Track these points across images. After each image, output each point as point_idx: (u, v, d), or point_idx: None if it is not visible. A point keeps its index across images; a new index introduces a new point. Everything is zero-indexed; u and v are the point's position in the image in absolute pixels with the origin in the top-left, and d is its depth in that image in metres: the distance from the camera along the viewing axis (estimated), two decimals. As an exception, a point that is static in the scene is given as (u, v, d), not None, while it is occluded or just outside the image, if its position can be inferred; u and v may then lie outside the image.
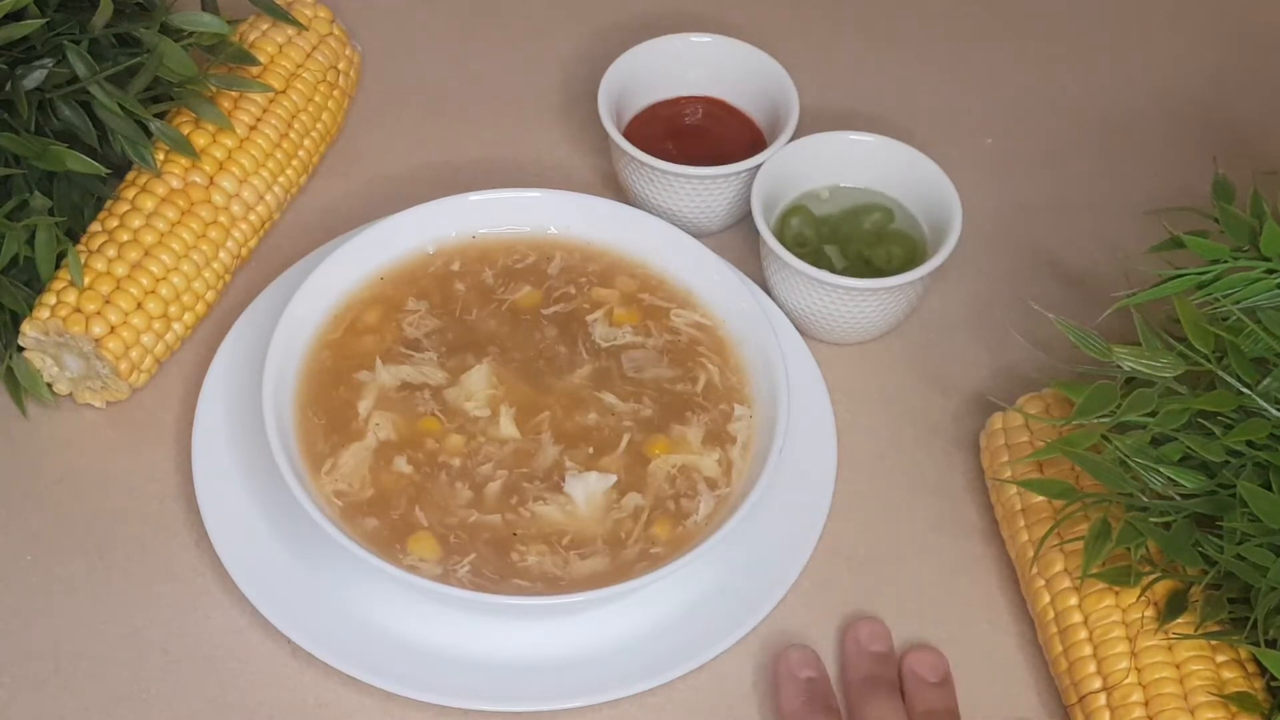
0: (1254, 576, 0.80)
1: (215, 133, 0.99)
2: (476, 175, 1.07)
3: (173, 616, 0.89)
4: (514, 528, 0.87)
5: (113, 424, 0.96)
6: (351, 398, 0.91)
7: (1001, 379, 0.99)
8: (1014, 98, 1.14)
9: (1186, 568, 0.83)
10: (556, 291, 0.96)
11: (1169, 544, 0.82)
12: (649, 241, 0.97)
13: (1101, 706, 0.83)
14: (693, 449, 0.90)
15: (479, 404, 0.91)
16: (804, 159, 1.01)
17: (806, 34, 1.16)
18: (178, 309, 0.95)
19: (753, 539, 0.90)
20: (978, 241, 1.03)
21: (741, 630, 0.88)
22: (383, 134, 1.09)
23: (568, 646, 0.88)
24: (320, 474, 0.88)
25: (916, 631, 0.90)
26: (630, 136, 1.03)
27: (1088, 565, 0.83)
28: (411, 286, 0.96)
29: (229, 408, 0.94)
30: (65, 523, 0.92)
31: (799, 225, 1.00)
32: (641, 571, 0.85)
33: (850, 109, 1.11)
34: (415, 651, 0.87)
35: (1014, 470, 0.90)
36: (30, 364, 0.94)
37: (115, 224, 0.95)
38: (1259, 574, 0.79)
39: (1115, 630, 0.84)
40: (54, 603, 0.89)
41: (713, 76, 1.07)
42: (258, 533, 0.90)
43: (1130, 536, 0.82)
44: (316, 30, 1.05)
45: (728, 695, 0.88)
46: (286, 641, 0.88)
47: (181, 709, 0.86)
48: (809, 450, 0.94)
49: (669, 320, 0.95)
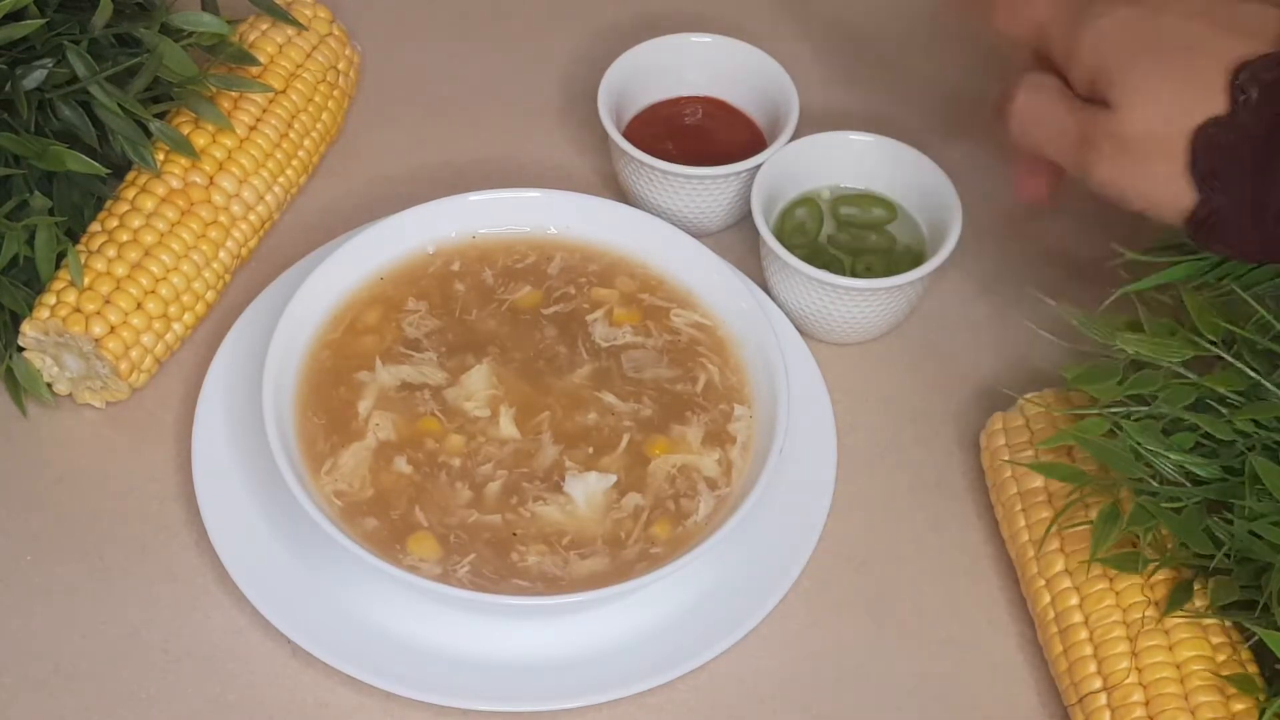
0: (1268, 553, 0.80)
1: (215, 133, 0.98)
2: (476, 175, 1.07)
3: (173, 616, 0.89)
4: (514, 528, 0.87)
5: (113, 424, 0.96)
6: (351, 398, 0.91)
7: (1002, 379, 0.99)
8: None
9: (1193, 556, 0.83)
10: (556, 291, 0.96)
11: (1180, 527, 0.82)
12: (649, 241, 0.97)
13: (1102, 706, 0.83)
14: (693, 449, 0.90)
15: (479, 404, 0.91)
16: (804, 159, 1.01)
17: (806, 34, 1.16)
18: (178, 309, 0.95)
19: (753, 539, 0.90)
20: (978, 241, 1.03)
21: (741, 630, 0.88)
22: (383, 134, 1.09)
23: (568, 646, 0.88)
24: (320, 474, 0.88)
25: (916, 631, 0.90)
26: (630, 136, 1.03)
27: (1096, 548, 0.83)
28: (411, 286, 0.96)
29: (229, 408, 0.94)
30: (65, 523, 0.92)
31: (804, 215, 1.01)
32: (641, 571, 0.85)
33: (850, 109, 1.11)
34: (415, 651, 0.87)
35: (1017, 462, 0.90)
36: (30, 364, 0.94)
37: (115, 224, 0.95)
38: (1273, 551, 0.79)
39: (1116, 630, 0.84)
40: (54, 603, 0.89)
41: (713, 76, 1.07)
42: (258, 533, 0.90)
43: (1141, 519, 0.83)
44: (316, 30, 1.05)
45: (728, 695, 0.88)
46: (286, 641, 0.88)
47: (181, 709, 0.86)
48: (809, 450, 0.94)
49: (669, 320, 0.95)
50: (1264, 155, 0.75)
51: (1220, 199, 0.77)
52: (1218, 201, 0.77)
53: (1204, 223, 0.78)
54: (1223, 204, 0.77)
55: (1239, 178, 0.76)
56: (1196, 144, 0.77)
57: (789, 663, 0.89)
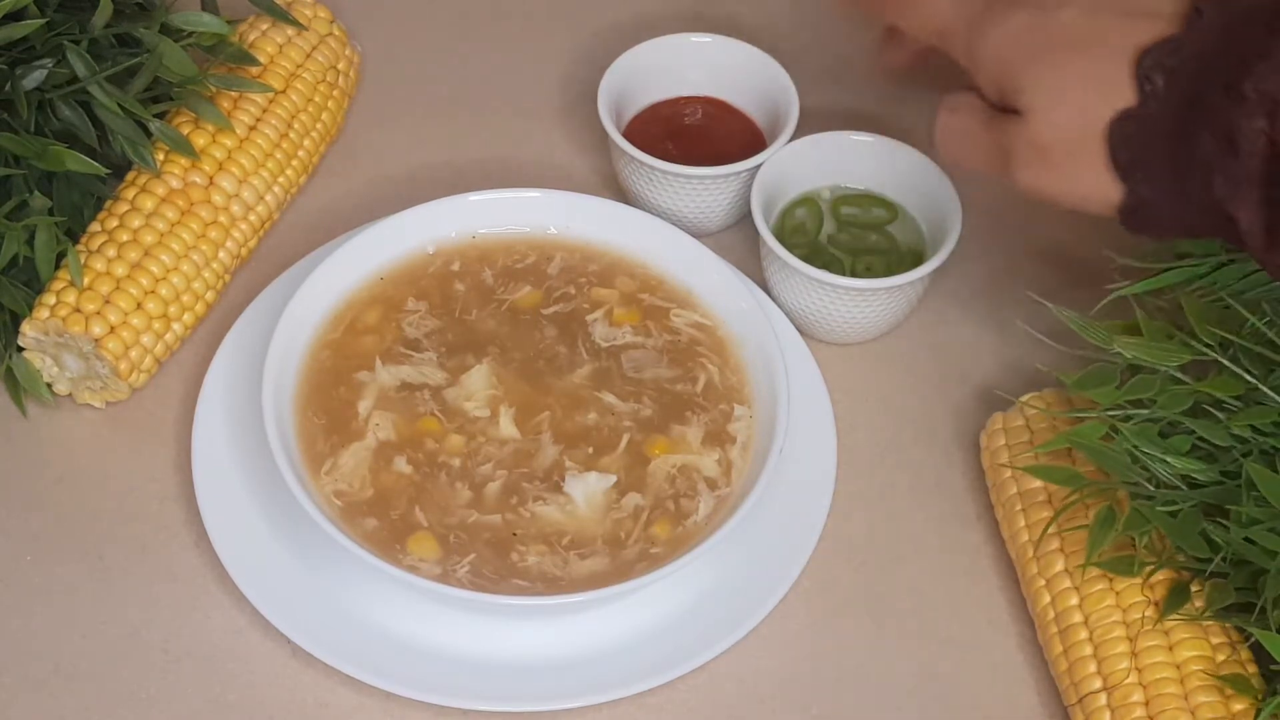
0: (1264, 559, 0.80)
1: (215, 133, 0.98)
2: (476, 175, 1.07)
3: (173, 616, 0.89)
4: (514, 528, 0.87)
5: (113, 424, 0.96)
6: (351, 398, 0.91)
7: (1002, 379, 0.99)
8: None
9: (1190, 559, 0.83)
10: (556, 291, 0.96)
11: (1176, 530, 0.82)
12: (649, 241, 0.97)
13: (1102, 706, 0.83)
14: (693, 449, 0.90)
15: (479, 404, 0.91)
16: (804, 159, 1.01)
17: (806, 34, 1.16)
18: (177, 309, 0.95)
19: (753, 539, 0.90)
20: (978, 241, 1.03)
21: (741, 630, 0.88)
22: (383, 134, 1.09)
23: (568, 646, 0.88)
24: (320, 474, 0.88)
25: (916, 631, 0.90)
26: (630, 136, 1.03)
27: (1091, 551, 0.83)
28: (411, 286, 0.96)
29: (229, 408, 0.94)
30: (65, 523, 0.92)
31: (804, 215, 1.01)
32: (641, 571, 0.85)
33: (850, 109, 1.11)
34: (415, 651, 0.87)
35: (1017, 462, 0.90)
36: (30, 364, 0.94)
37: (115, 224, 0.95)
38: (1268, 557, 0.79)
39: (1116, 630, 0.84)
40: (54, 603, 0.89)
41: (713, 76, 1.07)
42: (258, 533, 0.90)
43: (1137, 523, 0.83)
44: (316, 30, 1.05)
45: (728, 695, 0.88)
46: (286, 641, 0.88)
47: (181, 709, 0.86)
48: (809, 450, 0.94)
49: (669, 320, 0.95)
50: (1177, 142, 0.75)
51: (1145, 189, 0.76)
52: (1143, 192, 0.76)
53: (1134, 212, 0.78)
54: (1148, 193, 0.76)
55: (1159, 165, 0.75)
56: (1112, 139, 0.76)
57: (789, 663, 0.89)
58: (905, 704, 0.88)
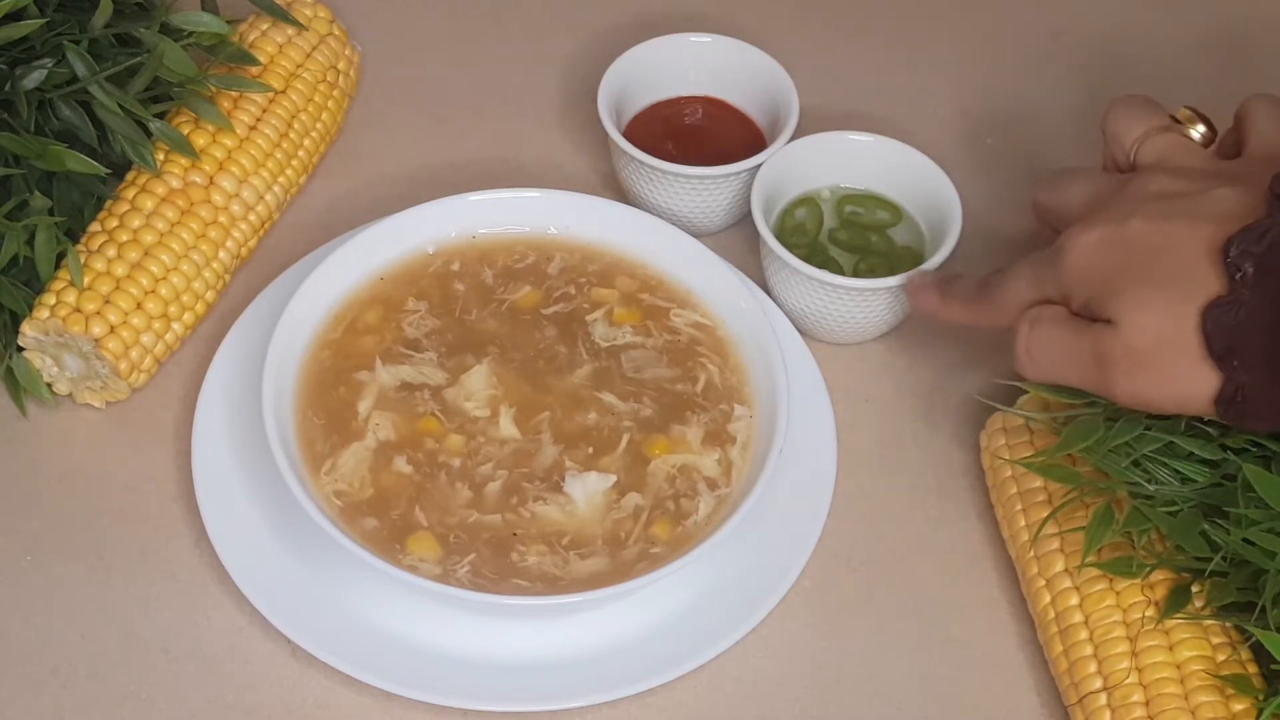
0: (1263, 560, 0.80)
1: (215, 133, 0.99)
2: (476, 175, 1.07)
3: (173, 616, 0.89)
4: (514, 528, 0.87)
5: (113, 424, 0.96)
6: (351, 398, 0.91)
7: (1002, 379, 0.98)
8: (1014, 97, 1.14)
9: (1190, 559, 0.83)
10: (556, 291, 0.96)
11: (1175, 529, 0.82)
12: (649, 241, 0.97)
13: (1102, 706, 0.83)
14: (692, 449, 0.90)
15: (479, 404, 0.91)
16: (804, 159, 1.01)
17: (806, 34, 1.16)
18: (177, 309, 0.95)
19: (753, 539, 0.90)
20: (977, 241, 1.03)
21: (741, 630, 0.88)
22: (383, 134, 1.09)
23: (568, 646, 0.88)
24: (320, 474, 0.88)
25: (916, 631, 0.90)
26: (630, 136, 1.03)
27: (1088, 550, 0.83)
28: (411, 286, 0.96)
29: (229, 408, 0.94)
30: (65, 523, 0.92)
31: (804, 215, 1.01)
32: (641, 571, 0.85)
33: (850, 109, 1.11)
34: (415, 651, 0.87)
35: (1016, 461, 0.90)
36: (30, 364, 0.94)
37: (115, 224, 0.95)
38: (1267, 558, 0.79)
39: (1116, 630, 0.84)
40: (54, 603, 0.89)
41: (713, 76, 1.07)
42: (258, 533, 0.90)
43: (1136, 521, 0.83)
44: (316, 30, 1.05)
45: (728, 695, 0.88)
46: (286, 641, 0.88)
47: (181, 709, 0.86)
48: (809, 450, 0.94)
49: (669, 320, 0.95)
50: (1271, 327, 0.76)
51: (1243, 375, 0.77)
52: (1241, 379, 0.77)
53: (1232, 401, 0.78)
54: (1246, 380, 0.77)
55: (1255, 352, 0.77)
56: (1206, 328, 0.77)
57: (789, 663, 0.89)
58: (905, 704, 0.88)
